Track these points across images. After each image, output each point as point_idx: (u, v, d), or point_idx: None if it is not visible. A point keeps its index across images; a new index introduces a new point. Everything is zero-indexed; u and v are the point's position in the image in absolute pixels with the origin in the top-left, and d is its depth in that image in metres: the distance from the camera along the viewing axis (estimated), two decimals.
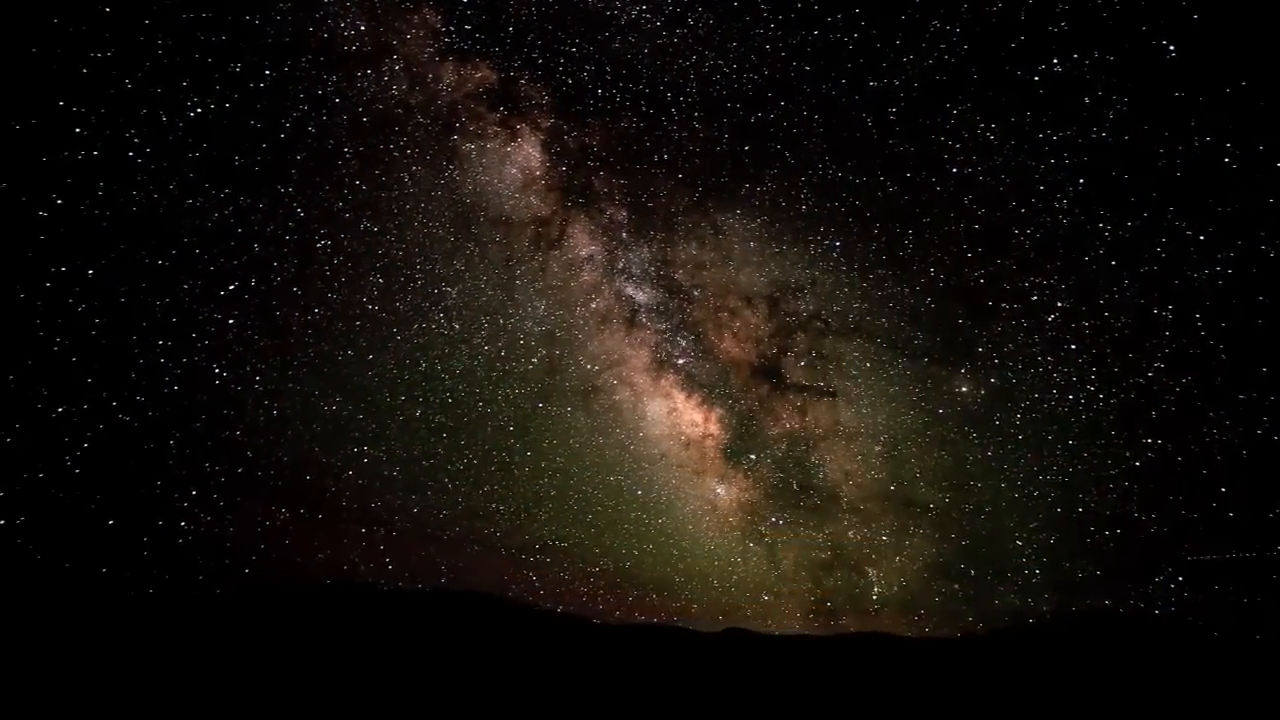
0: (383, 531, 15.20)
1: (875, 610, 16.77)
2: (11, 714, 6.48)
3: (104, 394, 11.70)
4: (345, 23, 15.05)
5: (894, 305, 16.99)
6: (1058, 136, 14.31)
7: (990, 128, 15.11)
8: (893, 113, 16.00)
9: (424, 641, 10.33)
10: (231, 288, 13.62)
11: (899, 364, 17.16)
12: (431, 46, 16.13)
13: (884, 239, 16.79)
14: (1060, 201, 14.49)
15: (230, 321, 13.59)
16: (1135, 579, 13.72)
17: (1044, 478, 15.32)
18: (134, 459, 12.10)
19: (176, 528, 12.37)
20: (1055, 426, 15.20)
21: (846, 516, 17.36)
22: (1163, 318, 13.61)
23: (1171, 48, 12.74)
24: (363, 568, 14.76)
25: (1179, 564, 13.38)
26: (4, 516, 10.27)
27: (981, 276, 15.69)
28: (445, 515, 16.09)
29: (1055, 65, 13.86)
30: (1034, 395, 15.42)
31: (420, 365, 16.41)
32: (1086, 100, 13.69)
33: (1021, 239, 15.16)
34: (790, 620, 17.05)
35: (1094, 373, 14.65)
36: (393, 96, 15.84)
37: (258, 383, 14.06)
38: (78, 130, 11.32)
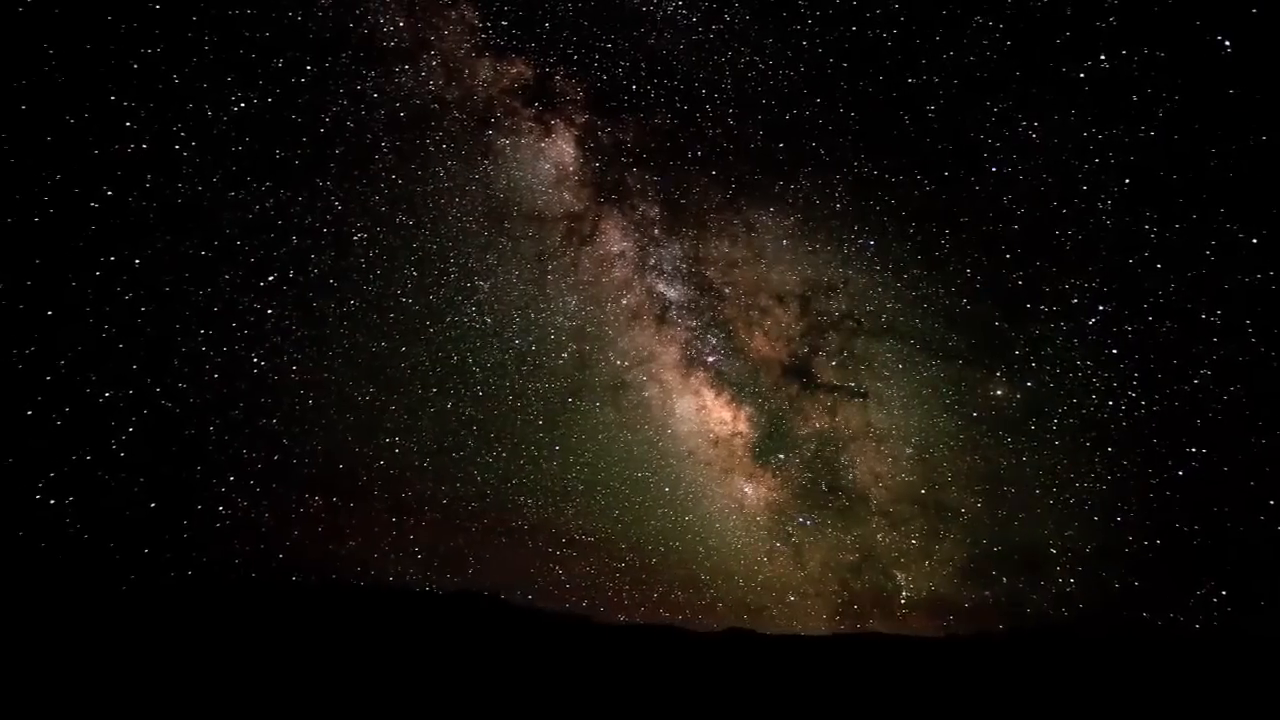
0: (412, 521, 15.42)
1: (903, 614, 16.54)
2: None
3: (148, 380, 12.07)
4: (385, 19, 15.28)
5: (928, 306, 16.69)
6: (1103, 135, 13.93)
7: (1033, 125, 14.77)
8: (931, 110, 15.71)
9: (421, 640, 10.41)
10: (270, 279, 13.93)
11: (932, 366, 16.87)
12: (468, 42, 16.26)
13: (920, 238, 16.48)
14: (1105, 202, 14.11)
15: (269, 312, 13.92)
16: (1176, 591, 13.33)
17: (1081, 485, 14.93)
18: (176, 444, 12.46)
19: (215, 512, 12.72)
20: (1094, 433, 14.80)
21: (875, 519, 17.14)
22: (1211, 323, 13.18)
23: (1227, 43, 12.32)
24: (392, 556, 15.01)
25: (1223, 577, 12.98)
26: (54, 496, 10.66)
27: (1020, 278, 15.34)
28: (474, 507, 16.24)
29: (1102, 61, 13.51)
30: (1072, 400, 15.03)
31: (452, 358, 16.57)
32: (1135, 98, 13.30)
33: (1063, 240, 14.79)
34: (816, 622, 16.89)
35: (1136, 378, 14.23)
36: (429, 92, 15.99)
37: (294, 372, 14.36)
38: (128, 124, 11.68)
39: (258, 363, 13.69)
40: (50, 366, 10.78)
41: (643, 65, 16.93)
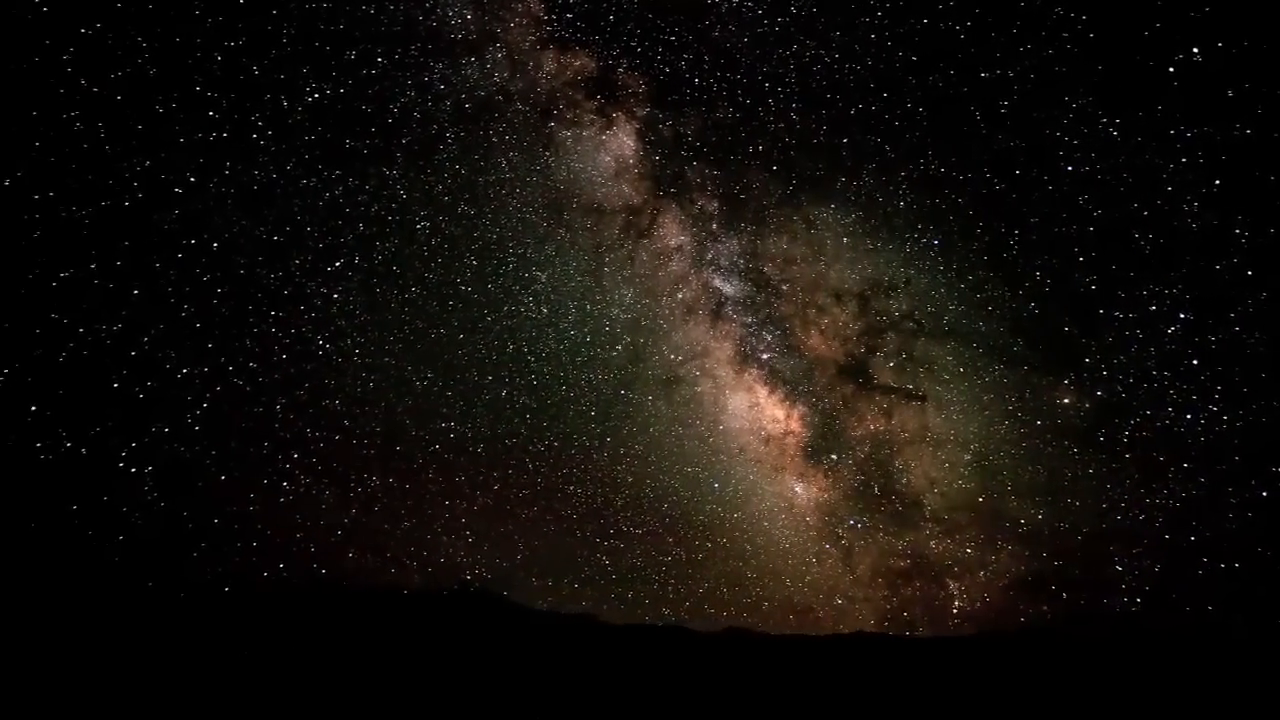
0: (465, 505, 15.77)
1: (955, 624, 16.08)
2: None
3: (221, 359, 12.65)
4: (453, 11, 15.58)
5: (993, 309, 16.11)
6: (1192, 134, 13.15)
7: (1113, 123, 14.04)
8: (1004, 105, 15.12)
9: (423, 641, 10.56)
10: (337, 264, 14.43)
11: (995, 371, 16.28)
12: (534, 35, 16.43)
13: (987, 239, 15.88)
14: (1191, 204, 13.32)
15: (335, 296, 14.42)
16: (1255, 619, 12.55)
17: (1152, 501, 14.20)
18: (246, 420, 13.03)
19: (279, 487, 13.26)
20: (1169, 447, 14.05)
21: (929, 525, 16.66)
22: None
23: None
24: (445, 538, 15.37)
25: None
26: (135, 465, 11.29)
27: (1093, 282, 14.65)
28: (525, 494, 16.52)
29: (1195, 53, 12.74)
30: (1146, 412, 14.26)
31: (508, 347, 16.87)
32: (1229, 94, 12.50)
33: (1142, 243, 14.03)
34: (864, 626, 16.58)
35: (1218, 391, 13.42)
36: (494, 84, 16.25)
37: (356, 355, 14.84)
38: (210, 114, 12.22)
39: (323, 345, 14.21)
40: (134, 342, 11.41)
41: (706, 58, 16.81)
